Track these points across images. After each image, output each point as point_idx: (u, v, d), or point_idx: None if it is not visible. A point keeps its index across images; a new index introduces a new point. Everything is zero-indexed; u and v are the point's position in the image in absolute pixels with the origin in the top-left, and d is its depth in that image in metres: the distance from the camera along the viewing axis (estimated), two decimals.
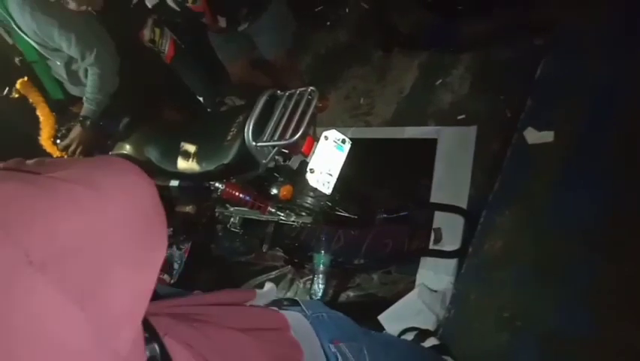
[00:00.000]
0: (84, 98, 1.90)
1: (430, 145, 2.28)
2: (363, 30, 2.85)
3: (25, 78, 1.99)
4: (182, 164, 1.78)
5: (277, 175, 1.60)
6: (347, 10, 2.75)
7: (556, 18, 2.21)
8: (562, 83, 2.02)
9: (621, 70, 1.87)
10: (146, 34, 1.74)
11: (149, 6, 1.73)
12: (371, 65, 2.86)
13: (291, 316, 0.74)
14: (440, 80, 2.53)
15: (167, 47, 1.70)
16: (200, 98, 2.03)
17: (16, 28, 1.79)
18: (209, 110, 2.01)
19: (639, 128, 1.71)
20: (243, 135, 1.47)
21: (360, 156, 2.14)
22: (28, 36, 1.80)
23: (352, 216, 2.03)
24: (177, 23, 1.92)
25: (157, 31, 1.84)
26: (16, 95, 1.98)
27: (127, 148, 1.95)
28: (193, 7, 1.72)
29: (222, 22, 1.84)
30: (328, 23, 2.86)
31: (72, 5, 1.68)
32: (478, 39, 2.48)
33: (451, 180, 2.15)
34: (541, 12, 2.32)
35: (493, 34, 2.45)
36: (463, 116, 2.33)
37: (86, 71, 1.87)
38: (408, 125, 2.52)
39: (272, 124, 1.45)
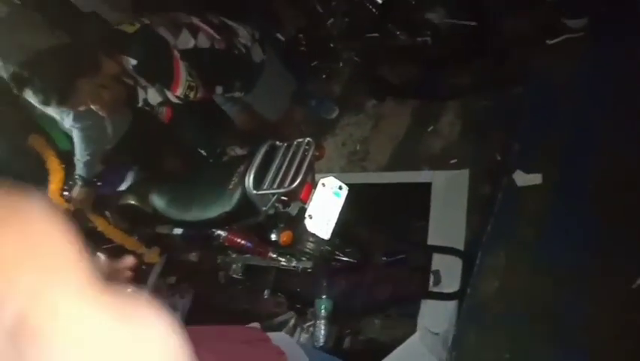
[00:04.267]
0: (74, 159, 1.94)
1: (425, 189, 2.36)
2: (356, 81, 3.01)
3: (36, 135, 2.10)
4: (187, 212, 1.85)
5: (277, 222, 1.67)
6: (341, 64, 2.93)
7: (530, 66, 2.36)
8: (545, 128, 2.13)
9: (598, 109, 1.99)
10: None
11: (152, 103, 1.85)
12: (365, 114, 2.99)
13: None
14: (431, 127, 2.65)
15: (164, 111, 1.81)
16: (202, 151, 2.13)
17: None
18: (211, 160, 2.10)
19: (620, 165, 1.80)
20: (244, 184, 1.54)
21: (358, 200, 2.21)
22: None
23: (352, 261, 2.08)
24: None
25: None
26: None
27: (132, 198, 2.02)
28: (195, 99, 1.86)
29: (219, 90, 1.97)
30: (324, 76, 3.02)
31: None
32: (462, 88, 2.63)
33: (447, 222, 2.21)
34: (515, 61, 2.47)
35: (475, 83, 2.60)
36: (455, 161, 2.42)
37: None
38: (402, 169, 2.61)
39: (271, 173, 1.53)
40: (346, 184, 2.53)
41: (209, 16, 1.96)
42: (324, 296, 2.12)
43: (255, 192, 1.51)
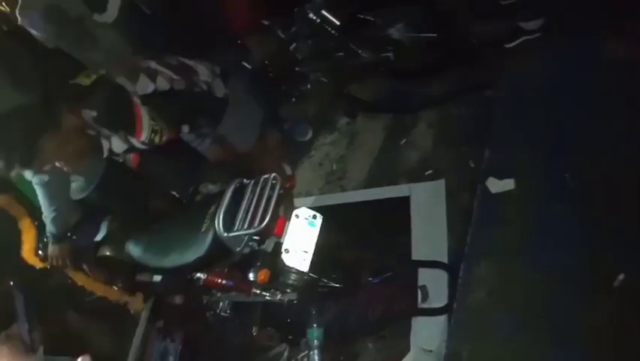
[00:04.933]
0: (42, 216, 1.90)
1: (403, 203, 2.36)
2: (327, 101, 3.02)
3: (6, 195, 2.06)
4: (163, 259, 1.82)
5: (253, 260, 1.64)
6: (309, 86, 2.93)
7: (502, 69, 2.39)
8: (515, 130, 2.15)
9: (567, 111, 2.00)
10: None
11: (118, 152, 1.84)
12: (339, 132, 3.00)
13: None
14: (405, 140, 2.66)
15: (130, 157, 1.80)
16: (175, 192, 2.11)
17: None
18: (184, 201, 2.08)
19: (595, 161, 1.81)
20: (215, 227, 1.52)
21: (338, 222, 2.20)
22: None
23: (338, 285, 2.05)
24: None
25: None
26: None
27: (108, 249, 1.99)
28: (161, 143, 1.85)
29: (185, 129, 1.96)
30: (293, 100, 3.03)
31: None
32: (434, 98, 2.64)
33: (428, 235, 2.20)
34: (487, 66, 2.50)
35: (446, 91, 2.62)
36: (430, 172, 2.42)
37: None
38: (380, 185, 2.60)
39: (241, 213, 1.51)
40: (325, 207, 2.53)
41: (166, 57, 1.96)
42: (314, 325, 2.09)
43: (225, 234, 1.49)
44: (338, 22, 2.44)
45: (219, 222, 1.50)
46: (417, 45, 2.61)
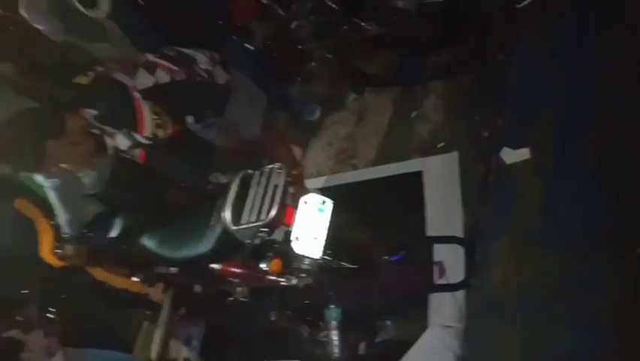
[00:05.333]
0: (57, 218, 1.90)
1: (416, 178, 2.31)
2: (333, 79, 2.94)
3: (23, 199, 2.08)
4: (177, 252, 1.83)
5: (265, 250, 1.64)
6: (314, 64, 2.86)
7: (514, 32, 2.27)
8: (528, 97, 2.06)
9: (580, 75, 1.90)
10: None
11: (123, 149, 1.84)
12: (347, 109, 2.93)
13: None
14: (415, 112, 2.58)
15: (137, 152, 1.79)
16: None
17: None
18: (195, 193, 2.08)
19: (610, 127, 1.72)
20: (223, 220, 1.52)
21: (351, 202, 2.17)
22: None
23: (353, 266, 2.04)
24: None
25: None
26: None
27: (124, 244, 2.01)
28: (166, 136, 1.83)
29: (190, 120, 1.93)
30: (299, 79, 2.96)
31: None
32: (443, 67, 2.54)
33: (443, 210, 2.16)
34: (497, 29, 2.38)
35: (456, 59, 2.51)
36: (442, 144, 2.36)
37: None
38: (392, 161, 2.55)
39: (248, 205, 1.50)
40: (336, 186, 2.50)
41: (164, 49, 1.92)
42: (332, 306, 2.10)
43: (234, 227, 1.48)
44: None
45: (227, 215, 1.49)
46: (422, 13, 2.49)
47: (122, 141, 1.80)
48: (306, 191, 1.66)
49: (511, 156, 1.89)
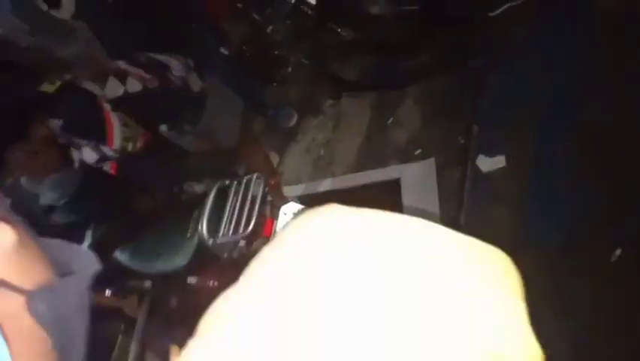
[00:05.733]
0: None
1: (394, 186, 2.31)
2: (309, 84, 2.92)
3: None
4: (152, 265, 1.77)
5: (245, 263, 1.60)
6: (289, 69, 2.83)
7: (487, 39, 2.30)
8: (502, 103, 2.09)
9: (554, 79, 1.94)
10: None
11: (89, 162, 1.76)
12: (324, 115, 2.91)
13: None
14: (391, 118, 2.59)
15: (108, 163, 1.72)
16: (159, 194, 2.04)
17: None
18: (168, 203, 2.02)
19: (586, 131, 1.76)
20: (199, 233, 1.47)
21: None
22: None
23: None
24: None
25: None
26: None
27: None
28: (136, 150, 1.77)
29: (164, 128, 1.87)
30: (275, 84, 2.93)
31: None
32: (418, 72, 2.55)
33: (420, 217, 2.16)
34: (471, 36, 2.41)
35: (431, 64, 2.53)
36: (419, 151, 2.37)
37: None
38: (371, 168, 2.55)
39: (226, 218, 1.46)
40: (315, 194, 2.47)
41: (135, 55, 1.85)
42: None
43: (211, 241, 1.44)
44: (314, 1, 2.32)
45: (203, 230, 1.45)
46: (398, 18, 2.50)
47: (88, 154, 1.73)
48: (284, 200, 1.63)
49: (487, 163, 1.91)
